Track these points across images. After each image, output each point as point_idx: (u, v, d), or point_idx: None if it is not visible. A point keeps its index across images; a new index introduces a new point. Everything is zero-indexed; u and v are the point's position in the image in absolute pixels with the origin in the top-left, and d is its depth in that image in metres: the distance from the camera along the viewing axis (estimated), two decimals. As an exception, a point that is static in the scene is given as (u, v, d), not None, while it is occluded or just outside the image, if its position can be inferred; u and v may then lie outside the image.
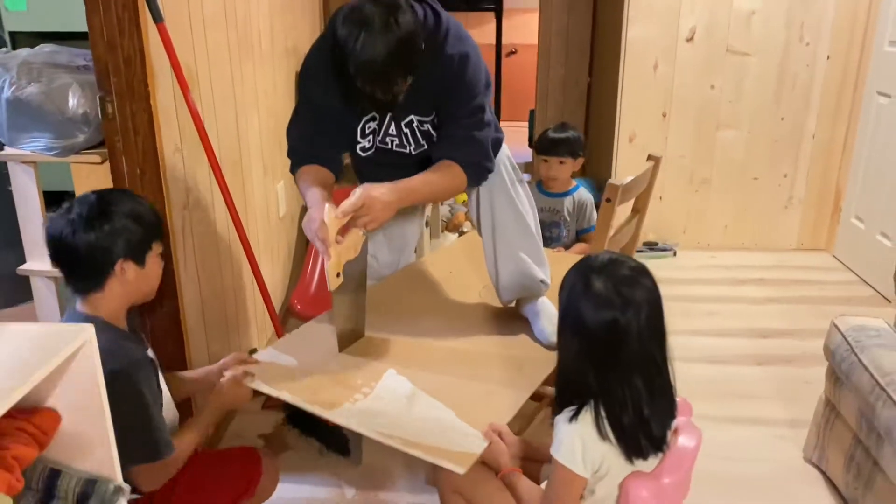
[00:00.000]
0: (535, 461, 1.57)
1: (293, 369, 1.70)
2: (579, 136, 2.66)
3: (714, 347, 2.83)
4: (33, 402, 0.97)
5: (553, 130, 2.68)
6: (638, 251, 3.75)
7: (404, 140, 1.85)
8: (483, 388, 1.69)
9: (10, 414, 0.94)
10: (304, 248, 3.29)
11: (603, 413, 1.22)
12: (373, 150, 1.88)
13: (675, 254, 3.79)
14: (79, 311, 1.41)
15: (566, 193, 2.69)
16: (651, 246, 3.82)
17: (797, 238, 3.85)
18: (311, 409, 1.55)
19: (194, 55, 2.08)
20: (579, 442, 1.22)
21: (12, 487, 0.85)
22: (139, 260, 1.41)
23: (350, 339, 1.84)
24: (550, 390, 1.85)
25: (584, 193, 2.68)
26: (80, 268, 1.39)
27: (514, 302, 2.05)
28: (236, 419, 2.40)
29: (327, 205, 1.57)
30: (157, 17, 1.79)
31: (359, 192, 1.58)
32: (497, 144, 1.80)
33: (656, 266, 3.60)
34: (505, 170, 1.85)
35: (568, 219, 2.69)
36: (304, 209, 3.37)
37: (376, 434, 1.48)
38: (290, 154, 1.87)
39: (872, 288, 3.36)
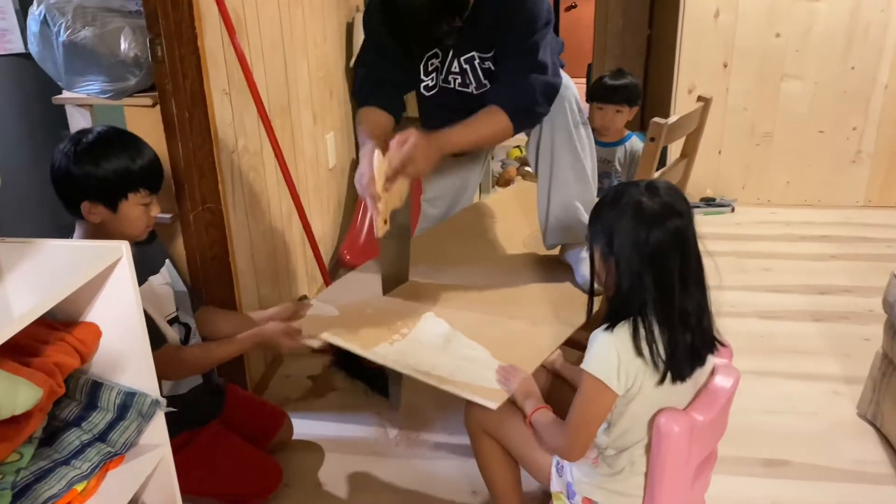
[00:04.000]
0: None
1: (335, 317, 1.73)
2: (636, 83, 2.57)
3: (769, 303, 2.75)
4: (74, 316, 1.02)
5: (610, 77, 2.60)
6: (694, 206, 3.66)
7: (466, 78, 1.84)
8: (520, 328, 1.69)
9: (54, 326, 0.98)
10: (353, 200, 3.32)
11: (643, 329, 1.21)
12: (436, 89, 1.88)
13: (732, 210, 3.68)
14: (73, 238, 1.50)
15: (618, 143, 2.62)
16: (708, 202, 3.72)
17: (864, 194, 3.68)
18: (349, 346, 1.57)
19: (242, 0, 2.10)
20: (615, 353, 1.21)
21: (53, 392, 0.90)
22: (110, 205, 1.44)
23: (394, 283, 1.86)
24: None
25: (636, 143, 2.60)
26: (61, 197, 1.46)
27: (559, 249, 2.03)
28: (286, 362, 2.47)
29: (376, 154, 1.58)
30: (203, -41, 1.81)
31: (406, 148, 1.58)
32: (551, 89, 1.76)
33: (713, 222, 3.56)
34: (570, 110, 1.82)
35: (619, 169, 2.63)
36: (354, 162, 3.41)
37: (412, 371, 1.50)
38: (355, 93, 1.91)
39: (944, 246, 3.21)
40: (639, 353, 1.20)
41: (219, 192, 2.02)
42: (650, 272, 1.21)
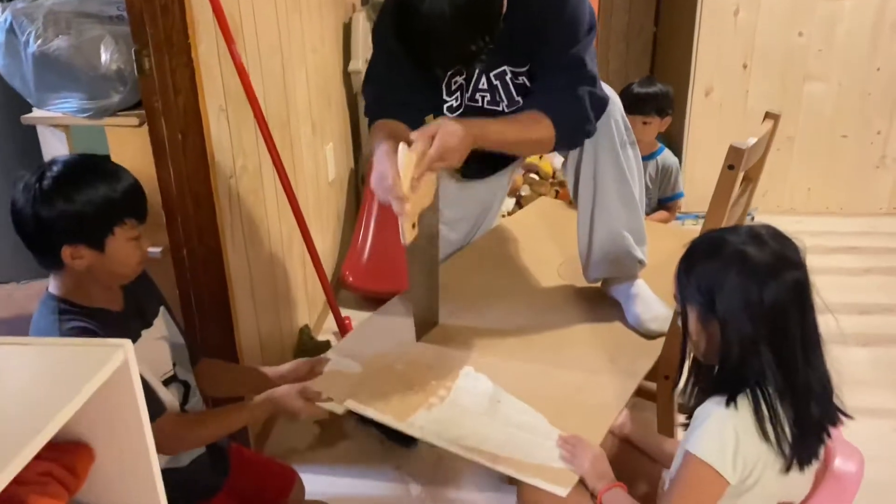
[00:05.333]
0: (647, 457, 1.38)
1: (359, 374, 1.50)
2: (668, 92, 2.37)
3: (808, 325, 2.55)
4: (60, 435, 0.77)
5: (638, 85, 2.39)
6: (711, 216, 3.46)
7: (497, 95, 1.61)
8: (575, 382, 1.47)
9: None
10: (353, 216, 3.08)
11: (765, 406, 1.01)
12: (461, 109, 1.65)
13: (752, 219, 3.49)
14: (49, 290, 1.25)
15: (650, 157, 2.41)
16: (726, 210, 3.52)
17: (888, 201, 3.51)
18: (380, 418, 1.35)
19: (238, 2, 1.85)
20: (732, 435, 1.01)
21: (33, 558, 0.66)
22: (95, 245, 1.20)
23: (426, 326, 1.63)
24: (647, 384, 1.63)
25: (669, 157, 2.40)
26: (31, 246, 1.21)
27: (601, 281, 1.81)
28: (289, 403, 2.22)
29: (401, 147, 1.34)
30: (198, -43, 1.56)
31: (441, 136, 1.35)
32: (600, 104, 1.55)
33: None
34: (616, 128, 1.60)
35: (650, 185, 2.42)
36: (353, 173, 3.16)
37: (458, 448, 1.28)
38: (366, 113, 1.67)
39: (977, 257, 3.04)
40: (764, 436, 1.00)
41: (216, 221, 1.78)
42: (767, 337, 1.02)
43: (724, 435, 1.01)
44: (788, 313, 1.03)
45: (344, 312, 2.50)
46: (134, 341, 1.30)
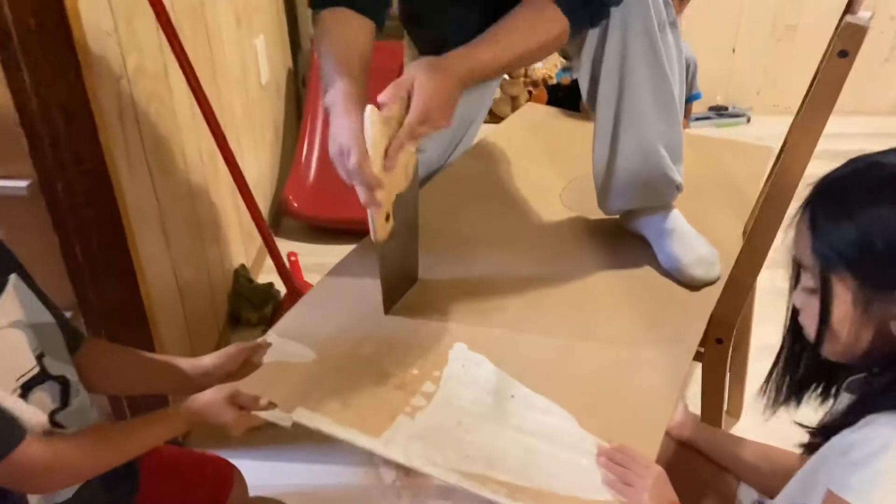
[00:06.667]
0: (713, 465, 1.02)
1: (311, 365, 1.06)
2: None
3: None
4: None
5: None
6: (703, 118, 3.10)
7: None
8: (608, 360, 1.08)
9: None
10: (295, 128, 2.58)
11: None
12: None
13: (748, 120, 3.13)
14: None
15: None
16: (719, 111, 3.14)
17: (895, 99, 3.18)
18: (347, 436, 0.94)
19: None
20: None
21: None
22: None
23: (399, 290, 1.20)
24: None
25: (685, 50, 1.96)
26: None
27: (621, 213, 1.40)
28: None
29: (367, 112, 0.91)
30: None
31: (416, 104, 0.96)
32: None
33: (727, 136, 2.97)
34: (653, 3, 1.15)
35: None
36: (291, 73, 2.63)
37: (460, 478, 0.90)
38: None
39: None
40: None
41: (99, 141, 1.29)
42: None
43: None
44: None
45: (288, 246, 2.05)
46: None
